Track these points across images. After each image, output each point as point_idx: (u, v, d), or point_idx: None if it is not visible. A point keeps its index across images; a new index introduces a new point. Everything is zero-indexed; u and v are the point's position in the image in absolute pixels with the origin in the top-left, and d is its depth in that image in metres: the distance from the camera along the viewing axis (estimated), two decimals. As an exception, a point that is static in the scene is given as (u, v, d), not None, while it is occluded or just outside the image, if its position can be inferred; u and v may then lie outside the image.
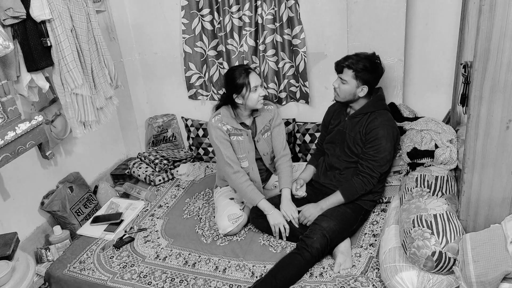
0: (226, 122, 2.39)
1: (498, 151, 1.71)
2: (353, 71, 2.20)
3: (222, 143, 2.39)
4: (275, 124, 2.49)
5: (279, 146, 2.50)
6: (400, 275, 1.85)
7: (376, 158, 2.22)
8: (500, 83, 1.60)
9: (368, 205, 2.35)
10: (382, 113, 2.28)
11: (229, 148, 2.40)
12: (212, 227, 2.51)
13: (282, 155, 2.50)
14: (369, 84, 2.25)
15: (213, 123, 2.40)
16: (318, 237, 2.09)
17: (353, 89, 2.24)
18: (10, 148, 2.12)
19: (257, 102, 2.34)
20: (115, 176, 3.28)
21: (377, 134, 2.22)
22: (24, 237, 2.52)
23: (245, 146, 2.44)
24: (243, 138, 2.42)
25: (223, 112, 2.42)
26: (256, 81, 2.32)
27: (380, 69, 2.29)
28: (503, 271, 1.57)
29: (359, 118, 2.30)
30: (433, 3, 2.48)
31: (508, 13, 1.50)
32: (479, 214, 1.86)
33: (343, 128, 2.36)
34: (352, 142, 2.31)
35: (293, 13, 2.72)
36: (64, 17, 2.31)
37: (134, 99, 3.37)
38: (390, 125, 2.25)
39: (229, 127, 2.40)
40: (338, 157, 2.38)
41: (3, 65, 2.16)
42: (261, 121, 2.46)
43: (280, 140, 2.50)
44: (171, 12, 3.02)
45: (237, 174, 2.39)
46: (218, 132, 2.39)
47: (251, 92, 2.31)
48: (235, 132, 2.41)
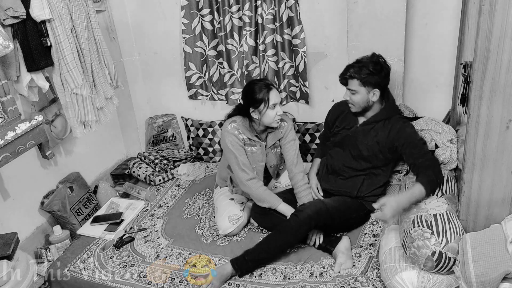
0: (242, 131, 2.35)
1: (498, 151, 1.71)
2: (358, 79, 2.16)
3: (238, 149, 2.33)
4: (286, 141, 2.42)
5: (290, 163, 2.41)
6: (400, 275, 1.85)
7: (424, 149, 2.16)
8: (500, 83, 1.60)
9: (370, 206, 2.34)
10: (395, 118, 2.26)
11: (244, 155, 2.35)
12: (212, 227, 2.51)
13: (294, 173, 2.39)
14: (380, 86, 2.19)
15: (229, 129, 2.35)
16: (311, 206, 2.13)
17: (364, 97, 2.20)
18: (10, 148, 2.12)
19: (273, 120, 2.28)
20: (115, 176, 3.28)
21: (408, 135, 2.18)
22: (24, 237, 2.52)
23: (258, 157, 2.40)
24: (256, 149, 2.38)
25: (239, 121, 2.36)
26: (276, 99, 2.26)
27: (385, 68, 2.22)
28: (503, 271, 1.57)
29: (373, 125, 2.26)
30: (433, 3, 2.48)
31: (508, 13, 1.50)
32: (479, 214, 1.86)
33: (354, 134, 2.30)
34: (366, 150, 2.26)
35: (293, 13, 2.72)
36: (64, 17, 2.31)
37: (134, 99, 3.37)
38: (408, 123, 2.26)
39: (244, 137, 2.36)
40: (344, 162, 2.34)
41: (3, 65, 2.16)
42: (272, 137, 2.41)
43: (291, 156, 2.41)
44: (171, 12, 3.02)
45: (252, 180, 2.33)
46: (233, 138, 2.33)
47: (269, 109, 2.25)
48: (250, 143, 2.37)
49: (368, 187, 2.31)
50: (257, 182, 2.36)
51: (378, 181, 2.33)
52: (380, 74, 2.18)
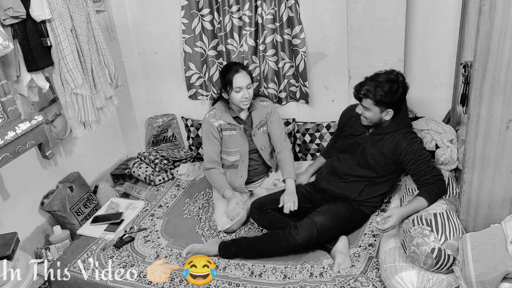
0: (219, 117, 2.43)
1: (498, 151, 1.71)
2: (372, 99, 2.08)
3: (209, 138, 2.48)
4: (272, 119, 2.50)
5: (278, 140, 2.51)
6: (400, 275, 1.85)
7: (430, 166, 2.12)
8: (500, 83, 1.60)
9: (369, 210, 2.34)
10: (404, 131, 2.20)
11: (214, 146, 2.48)
12: (212, 227, 2.51)
13: (282, 147, 2.52)
14: (394, 106, 2.11)
15: (206, 117, 2.49)
16: (303, 231, 2.12)
17: (377, 115, 2.13)
18: (10, 148, 2.12)
19: (239, 102, 2.38)
20: (115, 176, 3.28)
21: (415, 152, 2.12)
22: (24, 237, 2.52)
23: (238, 140, 2.46)
24: (236, 132, 2.44)
25: (218, 106, 2.48)
26: (241, 83, 2.32)
27: (402, 89, 2.10)
28: (503, 271, 1.57)
29: (381, 136, 2.21)
30: (433, 3, 2.48)
31: (508, 13, 1.50)
32: (479, 214, 1.86)
33: (363, 142, 2.27)
34: (372, 159, 2.24)
35: (293, 13, 2.71)
36: (64, 17, 2.31)
37: (134, 99, 3.36)
38: (415, 138, 2.19)
39: (221, 122, 2.44)
40: (350, 169, 2.31)
41: (3, 65, 2.16)
42: (257, 115, 2.47)
43: (278, 134, 2.51)
44: (171, 12, 3.02)
45: (210, 170, 2.51)
46: (208, 127, 2.47)
47: (234, 92, 2.35)
48: (228, 127, 2.43)
49: (367, 194, 2.29)
50: (216, 171, 2.51)
51: (379, 190, 2.31)
52: (395, 95, 2.08)
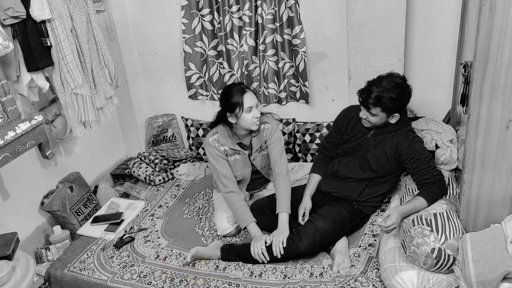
0: (223, 143, 2.33)
1: (498, 151, 1.71)
2: (380, 107, 2.07)
3: (218, 161, 2.33)
4: (271, 140, 2.38)
5: (273, 161, 2.38)
6: (400, 275, 1.85)
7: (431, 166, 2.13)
8: (500, 83, 1.60)
9: (369, 210, 2.34)
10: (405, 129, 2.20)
11: (226, 166, 2.34)
12: (212, 227, 2.51)
13: (277, 173, 2.36)
14: (400, 110, 2.13)
15: (210, 142, 2.34)
16: (306, 239, 2.11)
17: (383, 119, 2.13)
18: (10, 148, 2.12)
19: (251, 123, 2.25)
20: (115, 176, 3.28)
21: (416, 151, 2.13)
22: (24, 237, 2.52)
23: (242, 165, 2.39)
24: (240, 157, 2.38)
25: (221, 132, 2.35)
26: (251, 102, 2.22)
27: (407, 92, 2.11)
28: (503, 271, 1.57)
29: (384, 136, 2.22)
30: (433, 3, 2.48)
31: (508, 13, 1.50)
32: (479, 214, 1.86)
33: (365, 144, 2.27)
34: (374, 160, 2.24)
35: (293, 13, 2.72)
36: (64, 17, 2.31)
37: (134, 99, 3.36)
38: (416, 138, 2.19)
39: (226, 148, 2.34)
40: (352, 171, 2.31)
41: (3, 65, 2.16)
42: (257, 141, 2.39)
43: (274, 155, 2.38)
44: (171, 12, 3.02)
45: (230, 194, 2.32)
46: (214, 150, 2.33)
47: (245, 113, 2.22)
48: (232, 153, 2.36)
49: (368, 194, 2.29)
50: (236, 196, 2.32)
51: (380, 190, 2.31)
52: (403, 98, 2.09)
